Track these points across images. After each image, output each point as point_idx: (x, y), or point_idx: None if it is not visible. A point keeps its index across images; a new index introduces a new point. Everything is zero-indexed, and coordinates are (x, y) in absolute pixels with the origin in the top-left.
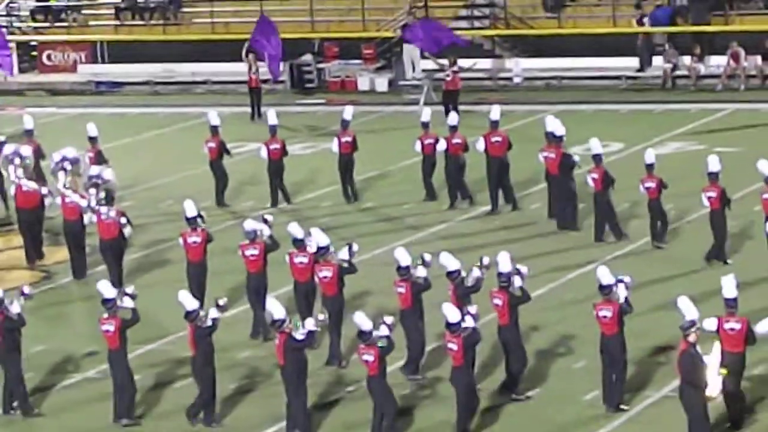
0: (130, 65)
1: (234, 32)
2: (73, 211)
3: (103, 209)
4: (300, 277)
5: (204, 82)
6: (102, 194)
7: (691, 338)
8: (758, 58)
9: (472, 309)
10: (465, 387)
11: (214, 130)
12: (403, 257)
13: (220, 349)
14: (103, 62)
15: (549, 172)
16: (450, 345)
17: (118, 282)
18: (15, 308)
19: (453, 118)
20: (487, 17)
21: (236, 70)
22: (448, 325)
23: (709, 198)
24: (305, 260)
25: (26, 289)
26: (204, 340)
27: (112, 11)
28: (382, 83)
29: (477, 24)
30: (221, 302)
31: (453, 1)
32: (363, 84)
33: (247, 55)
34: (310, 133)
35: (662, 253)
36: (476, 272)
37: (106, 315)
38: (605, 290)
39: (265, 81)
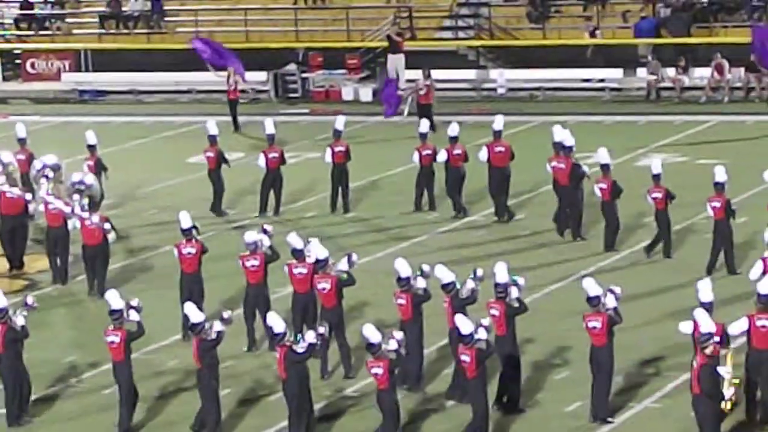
0: (113, 74)
1: (218, 41)
2: (56, 218)
3: (87, 215)
4: (299, 288)
5: (188, 91)
6: (85, 200)
7: (708, 351)
8: (742, 70)
9: (485, 321)
10: (477, 399)
11: (212, 139)
12: (404, 268)
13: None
14: (87, 71)
15: (558, 183)
16: (463, 357)
17: (100, 289)
18: (20, 320)
19: (454, 128)
20: (472, 28)
21: (221, 79)
22: (461, 336)
23: (713, 208)
24: (304, 271)
25: (30, 300)
26: (209, 353)
27: (96, 20)
28: (366, 93)
29: (461, 34)
30: (226, 315)
31: (437, 12)
32: (347, 94)
33: (224, 69)
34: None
35: (666, 263)
36: (470, 284)
37: (111, 326)
38: (593, 302)
39: (243, 91)
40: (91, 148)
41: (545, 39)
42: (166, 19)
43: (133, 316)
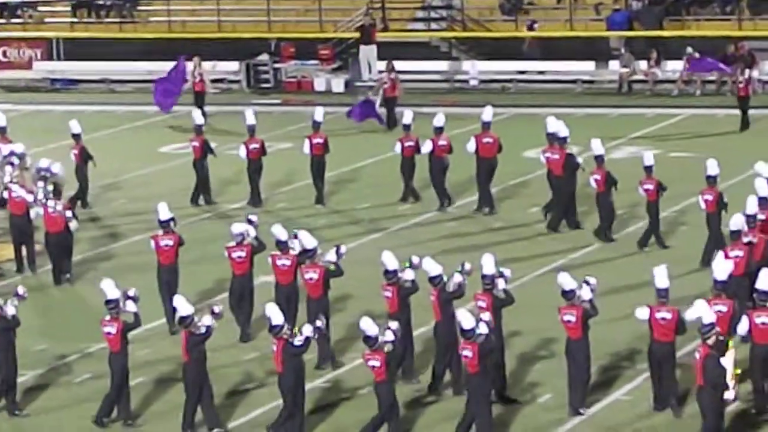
0: (85, 62)
1: (190, 31)
2: (19, 206)
3: (50, 203)
4: (282, 279)
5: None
6: (50, 187)
7: (711, 341)
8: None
9: (485, 316)
10: (480, 395)
11: (198, 129)
12: (390, 261)
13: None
14: (59, 59)
15: (552, 173)
16: (465, 352)
17: (61, 275)
18: (10, 310)
19: (440, 119)
20: (444, 19)
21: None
22: (463, 331)
23: (705, 201)
24: (288, 262)
25: (20, 290)
26: (197, 348)
27: (69, 8)
28: (338, 84)
29: (434, 26)
30: (216, 309)
31: (410, 3)
32: (319, 84)
33: (190, 59)
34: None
35: (655, 255)
36: (458, 277)
37: (108, 317)
38: (568, 295)
39: (218, 80)
40: (76, 136)
41: (518, 31)
42: (139, 8)
43: (130, 306)
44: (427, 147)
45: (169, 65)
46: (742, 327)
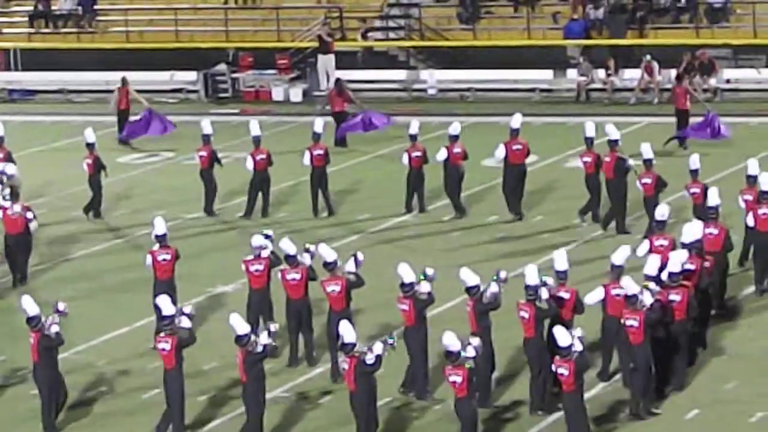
0: (43, 73)
1: (148, 41)
2: None
3: (8, 204)
4: (293, 294)
5: None
6: (7, 190)
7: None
8: (672, 72)
9: (578, 331)
10: (577, 412)
11: (205, 138)
12: (407, 274)
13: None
14: (17, 70)
15: (588, 176)
16: (560, 370)
17: (22, 279)
18: (54, 327)
19: (455, 127)
20: (402, 28)
21: (151, 78)
22: (559, 349)
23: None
24: (298, 276)
25: (61, 306)
26: (255, 367)
27: (26, 19)
28: (296, 94)
29: (392, 35)
30: (273, 328)
31: (367, 12)
32: (277, 94)
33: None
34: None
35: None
36: (494, 287)
37: (162, 333)
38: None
39: (176, 90)
40: (90, 146)
41: (475, 40)
42: (97, 18)
43: (185, 322)
44: (441, 155)
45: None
46: (594, 297)
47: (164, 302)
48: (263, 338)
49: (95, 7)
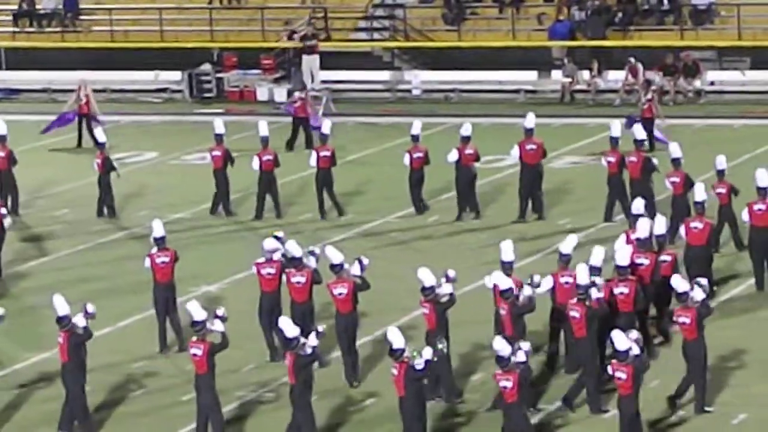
0: (27, 72)
1: (133, 40)
2: None
3: None
4: (298, 297)
5: (102, 90)
6: None
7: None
8: (656, 73)
9: (633, 334)
10: (633, 416)
11: (218, 138)
12: (427, 277)
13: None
14: (1, 69)
15: (611, 175)
16: (618, 374)
17: None
18: (81, 321)
19: (467, 128)
20: (387, 29)
21: (135, 78)
22: (617, 353)
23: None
24: (303, 280)
25: (90, 308)
26: (304, 369)
27: (10, 18)
28: (281, 93)
29: (376, 36)
30: (321, 329)
31: (352, 13)
32: (262, 94)
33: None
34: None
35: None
36: (527, 290)
37: (194, 338)
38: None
39: (161, 90)
40: (100, 146)
41: (460, 41)
42: (81, 17)
43: (218, 326)
44: (453, 156)
45: (110, 75)
46: (543, 286)
47: (194, 307)
48: (311, 341)
49: (80, 6)
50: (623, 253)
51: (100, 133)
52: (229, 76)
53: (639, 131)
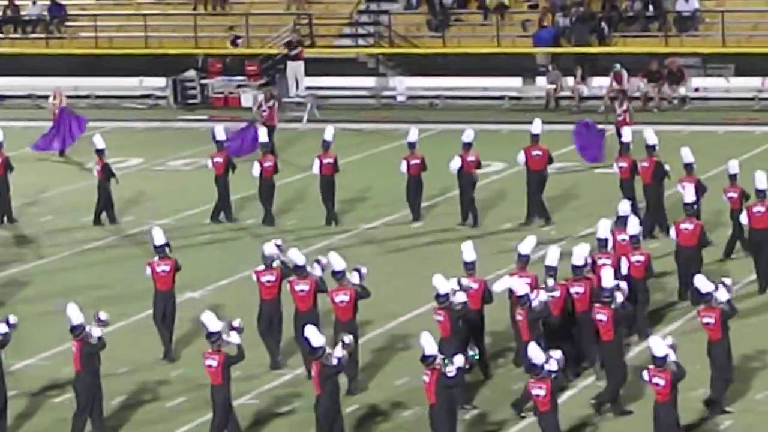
0: (12, 78)
1: (117, 47)
2: None
3: None
4: (302, 305)
5: (87, 96)
6: None
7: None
8: (640, 80)
9: (669, 340)
10: (671, 423)
11: (219, 145)
12: (442, 285)
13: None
14: None
15: (623, 181)
16: (656, 380)
17: None
18: (95, 331)
19: (468, 134)
20: (372, 35)
21: (120, 84)
22: (654, 359)
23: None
24: (306, 288)
25: (102, 316)
26: (330, 380)
27: None
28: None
29: (361, 42)
30: (347, 339)
31: (337, 19)
32: (246, 100)
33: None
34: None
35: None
36: (543, 296)
37: (209, 349)
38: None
39: (145, 96)
40: (100, 152)
41: (445, 47)
42: (66, 24)
43: (234, 338)
44: (455, 163)
45: (95, 81)
46: (501, 286)
47: (209, 318)
48: (337, 351)
49: (64, 12)
50: (579, 253)
51: (99, 140)
52: (214, 82)
53: (651, 137)
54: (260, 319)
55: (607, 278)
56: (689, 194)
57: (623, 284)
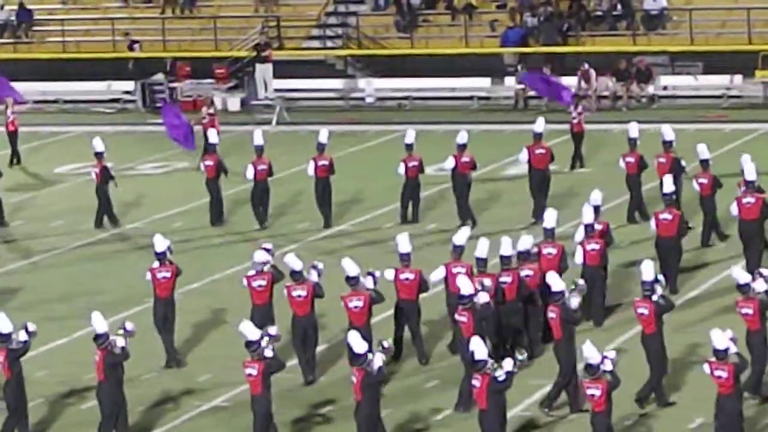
0: None
1: (85, 51)
2: None
3: None
4: (299, 311)
5: (55, 101)
6: None
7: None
8: (609, 79)
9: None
10: (734, 416)
11: (211, 147)
12: (466, 286)
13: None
14: None
15: (629, 176)
16: (718, 373)
17: None
18: (119, 341)
19: (462, 136)
20: (340, 37)
21: (88, 89)
22: (717, 351)
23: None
24: (304, 293)
25: (129, 326)
26: (371, 388)
27: None
28: (234, 103)
29: (329, 43)
30: (386, 344)
31: (305, 21)
32: (216, 104)
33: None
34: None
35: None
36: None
37: (249, 358)
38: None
39: (114, 100)
40: (98, 155)
41: (413, 48)
42: (34, 28)
43: (268, 351)
44: (449, 164)
45: (63, 86)
46: (437, 275)
47: (248, 327)
48: (378, 360)
49: (32, 17)
50: (506, 245)
51: (98, 143)
52: (182, 85)
53: (668, 132)
54: (253, 323)
55: (647, 272)
56: (668, 184)
57: (662, 277)
